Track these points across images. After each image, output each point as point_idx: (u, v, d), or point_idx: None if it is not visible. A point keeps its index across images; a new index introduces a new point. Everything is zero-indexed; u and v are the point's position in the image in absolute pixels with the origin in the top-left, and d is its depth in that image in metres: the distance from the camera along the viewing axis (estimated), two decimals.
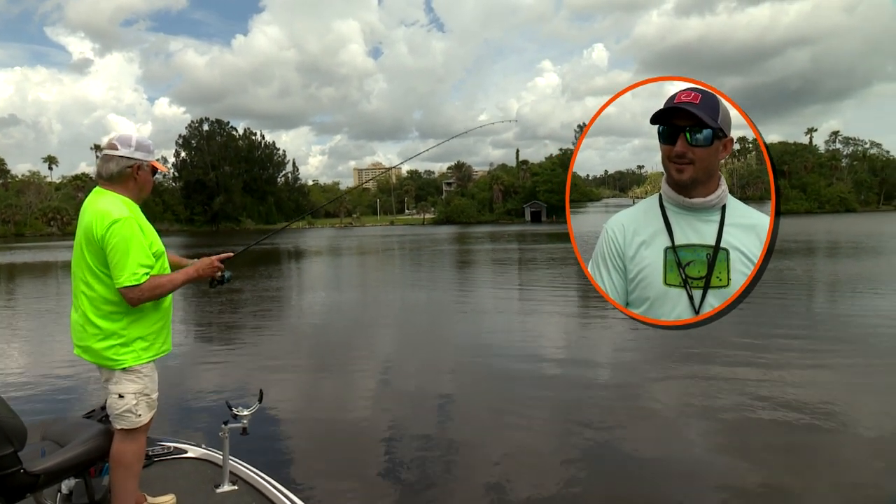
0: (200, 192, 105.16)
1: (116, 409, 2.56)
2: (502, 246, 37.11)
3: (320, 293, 16.89)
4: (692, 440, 5.30)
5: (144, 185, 2.73)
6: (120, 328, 2.55)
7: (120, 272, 2.47)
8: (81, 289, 2.58)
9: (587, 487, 4.38)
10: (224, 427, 3.07)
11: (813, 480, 4.43)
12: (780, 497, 4.16)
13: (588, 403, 6.30)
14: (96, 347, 2.55)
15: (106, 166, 2.63)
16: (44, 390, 7.01)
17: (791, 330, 9.56)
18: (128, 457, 2.58)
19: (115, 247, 2.48)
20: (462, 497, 4.28)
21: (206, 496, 3.01)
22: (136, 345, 2.58)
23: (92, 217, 2.53)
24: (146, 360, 2.62)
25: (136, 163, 2.65)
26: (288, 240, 55.70)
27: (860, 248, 25.87)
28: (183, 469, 3.33)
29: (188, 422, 5.87)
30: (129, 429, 2.58)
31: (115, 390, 2.57)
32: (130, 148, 2.65)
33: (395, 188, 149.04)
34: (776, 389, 6.41)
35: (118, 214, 2.52)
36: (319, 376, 7.88)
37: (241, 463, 3.23)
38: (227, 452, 3.10)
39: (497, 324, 11.33)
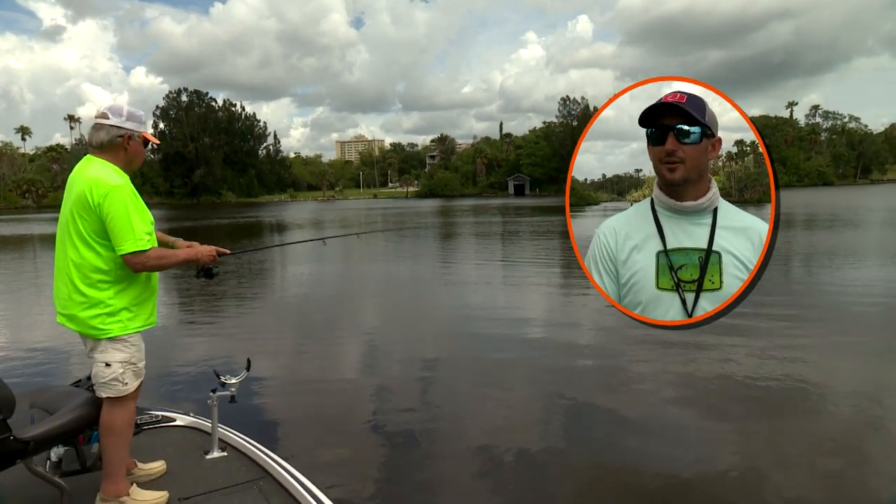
0: (180, 165, 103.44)
1: (103, 377, 2.57)
2: (486, 219, 37.16)
3: (304, 266, 16.85)
4: (673, 407, 5.41)
5: (135, 156, 2.71)
6: (107, 297, 2.55)
7: (124, 239, 2.48)
8: (70, 257, 2.55)
9: (570, 453, 4.47)
10: (212, 395, 3.09)
11: (790, 447, 4.56)
12: (755, 462, 4.30)
13: (571, 371, 6.40)
14: (82, 316, 2.54)
15: (96, 135, 2.63)
16: (27, 361, 6.95)
17: (772, 300, 9.78)
18: (117, 424, 2.60)
19: (116, 214, 2.47)
20: (448, 461, 4.36)
21: (195, 462, 3.04)
22: (123, 315, 2.58)
23: (86, 184, 2.51)
24: (133, 331, 2.62)
25: (126, 132, 2.64)
26: (270, 213, 55.23)
27: (838, 221, 26.34)
28: (172, 437, 3.36)
29: (176, 391, 5.88)
30: (117, 397, 2.59)
31: (101, 359, 2.57)
32: (122, 118, 2.64)
33: (378, 161, 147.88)
34: (755, 358, 6.55)
35: (114, 182, 2.51)
36: (305, 347, 7.91)
37: (230, 430, 3.26)
38: (216, 420, 3.12)
39: (481, 295, 11.42)
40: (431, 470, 4.26)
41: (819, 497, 3.85)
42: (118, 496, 2.62)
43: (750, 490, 3.87)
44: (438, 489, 4.00)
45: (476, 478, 4.09)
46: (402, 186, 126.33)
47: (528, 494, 3.84)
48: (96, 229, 2.52)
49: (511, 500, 3.83)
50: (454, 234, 27.95)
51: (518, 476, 4.09)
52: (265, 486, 2.77)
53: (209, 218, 45.59)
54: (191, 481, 2.85)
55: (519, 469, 4.19)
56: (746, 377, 5.96)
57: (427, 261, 17.45)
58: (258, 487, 2.77)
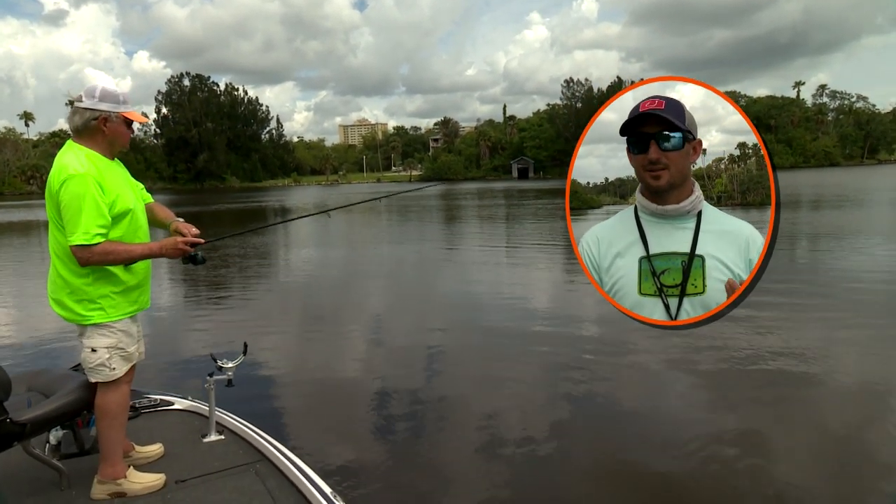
0: (183, 150, 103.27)
1: (90, 362, 2.57)
2: (490, 202, 37.04)
3: (307, 250, 16.88)
4: (677, 391, 5.42)
5: (116, 138, 2.60)
6: (83, 284, 2.51)
7: (72, 230, 2.41)
8: (53, 245, 2.55)
9: (574, 438, 4.48)
10: (209, 379, 3.11)
11: (794, 430, 4.57)
12: (759, 444, 4.31)
13: (574, 356, 6.40)
14: (67, 302, 2.54)
15: (72, 119, 2.56)
16: (27, 345, 7.03)
17: (776, 284, 9.74)
18: (111, 407, 2.61)
19: (68, 203, 2.41)
20: (450, 444, 4.39)
21: (192, 445, 3.07)
22: (103, 302, 2.55)
23: (53, 171, 2.48)
24: (117, 318, 2.59)
25: (101, 114, 2.53)
26: (274, 197, 55.18)
27: (846, 202, 26.11)
28: (169, 420, 3.39)
29: (174, 376, 5.93)
30: (107, 381, 2.59)
31: (87, 344, 2.57)
32: (94, 99, 2.53)
33: (381, 145, 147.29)
34: (759, 341, 6.55)
35: (73, 170, 2.43)
36: (307, 331, 7.94)
37: (227, 414, 3.29)
38: (213, 403, 3.15)
39: (485, 279, 11.43)
40: (432, 453, 4.29)
41: (826, 489, 3.83)
42: (115, 478, 2.64)
43: (755, 480, 3.87)
44: (439, 473, 4.03)
45: (478, 463, 4.10)
46: (405, 170, 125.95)
47: (532, 480, 3.85)
48: (61, 216, 2.49)
49: (514, 484, 3.84)
50: (459, 217, 27.89)
51: (521, 461, 4.10)
52: (262, 469, 2.79)
53: (213, 203, 45.61)
54: (188, 464, 2.87)
55: (521, 455, 4.19)
56: (753, 363, 5.95)
57: (431, 243, 17.44)
58: (255, 470, 2.79)
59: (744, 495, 3.68)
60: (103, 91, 2.56)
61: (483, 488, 3.78)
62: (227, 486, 2.68)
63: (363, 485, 3.80)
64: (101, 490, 2.62)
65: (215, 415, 3.18)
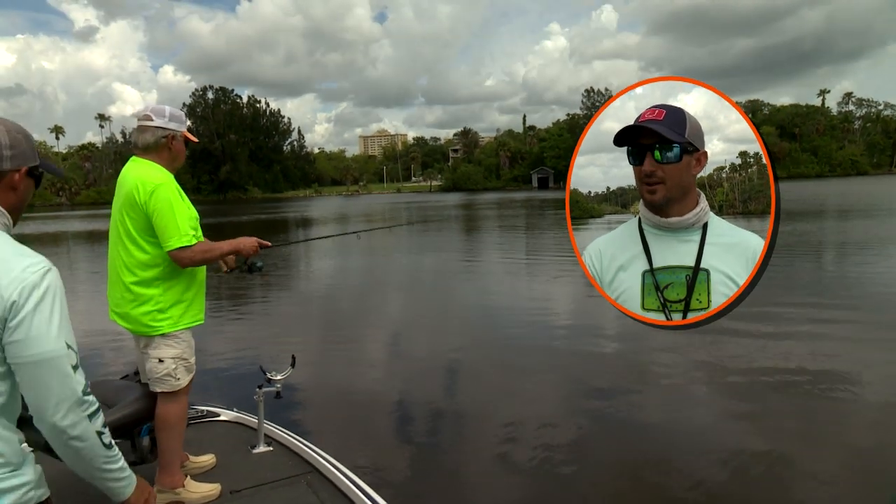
0: (207, 161, 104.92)
1: (157, 373, 2.64)
2: (511, 212, 36.99)
3: (337, 260, 17.01)
4: (700, 404, 5.33)
5: (178, 155, 2.78)
6: (157, 294, 2.61)
7: (170, 234, 2.53)
8: (121, 256, 2.62)
9: (594, 451, 4.45)
10: (258, 391, 3.16)
11: (821, 446, 4.46)
12: (786, 461, 4.22)
13: (595, 367, 6.37)
14: (134, 314, 2.60)
15: (142, 136, 2.68)
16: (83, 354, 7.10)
17: (801, 295, 9.57)
18: (172, 418, 2.68)
19: (161, 210, 2.53)
20: (485, 455, 4.40)
21: (242, 456, 3.11)
22: (173, 311, 2.64)
23: (132, 184, 2.57)
24: (183, 327, 2.69)
25: (170, 133, 2.71)
26: (296, 209, 55.72)
27: (873, 212, 25.55)
28: (217, 431, 3.43)
29: (216, 386, 6.01)
30: (170, 391, 2.67)
31: (154, 355, 2.64)
32: (165, 118, 2.70)
33: (401, 155, 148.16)
34: (784, 354, 6.41)
35: (159, 179, 2.58)
36: (332, 341, 7.99)
37: (273, 425, 3.32)
38: (262, 415, 3.18)
39: (504, 288, 11.41)
40: (462, 462, 4.32)
41: (846, 497, 3.76)
42: (174, 487, 2.69)
43: (777, 490, 3.81)
44: (474, 485, 4.03)
45: (515, 472, 4.13)
46: (425, 180, 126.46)
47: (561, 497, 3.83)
48: (144, 227, 2.58)
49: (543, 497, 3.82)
50: (479, 227, 27.89)
51: (546, 479, 4.06)
52: (313, 480, 2.81)
53: (236, 214, 46.19)
54: (240, 475, 2.91)
55: (546, 472, 4.15)
56: (776, 375, 5.84)
57: (452, 254, 17.46)
58: (306, 481, 2.81)
59: None
60: (171, 112, 2.74)
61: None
62: (280, 497, 2.70)
63: (412, 498, 3.82)
64: (161, 499, 2.65)
65: (263, 426, 3.21)
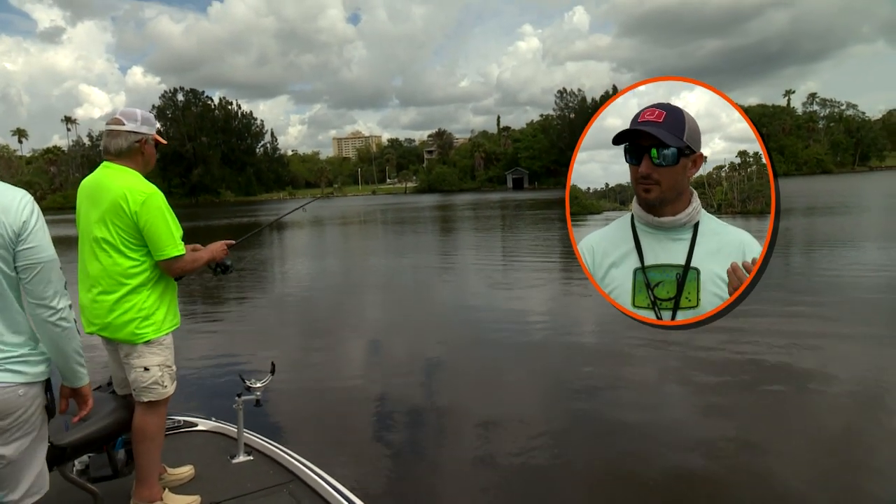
0: (178, 164, 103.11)
1: (143, 382, 2.58)
2: (487, 213, 37.11)
3: (306, 263, 16.87)
4: (676, 400, 5.41)
5: (150, 159, 2.73)
6: (140, 301, 2.56)
7: (165, 244, 2.53)
8: (103, 265, 2.54)
9: (573, 449, 4.47)
10: (238, 399, 3.10)
11: (796, 437, 4.54)
12: (760, 452, 4.29)
13: (572, 366, 6.42)
14: (117, 323, 2.54)
15: (114, 141, 2.61)
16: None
17: (774, 289, 9.77)
18: (150, 429, 2.61)
19: (154, 221, 2.51)
20: (468, 458, 4.38)
21: (222, 467, 3.04)
22: (156, 317, 2.60)
23: (119, 192, 2.50)
24: (165, 332, 2.65)
25: (142, 137, 2.65)
26: (270, 212, 55.12)
27: (839, 209, 26.26)
28: (196, 441, 3.36)
29: (192, 394, 5.88)
30: (154, 401, 2.61)
31: (139, 364, 2.58)
32: (137, 122, 2.64)
33: (375, 157, 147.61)
34: (759, 347, 6.55)
35: (149, 189, 2.55)
36: (309, 345, 7.93)
37: (252, 434, 3.26)
38: (242, 424, 3.13)
39: (482, 289, 11.44)
40: (449, 467, 4.29)
41: (824, 495, 3.83)
42: (152, 501, 2.63)
43: (755, 490, 3.85)
44: (456, 487, 4.03)
45: (496, 471, 4.13)
46: (400, 182, 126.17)
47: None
48: (131, 236, 2.53)
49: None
50: (454, 228, 27.92)
51: (527, 479, 4.06)
52: (295, 489, 2.76)
53: (208, 218, 45.54)
54: (220, 486, 2.85)
55: (526, 471, 4.16)
56: (753, 368, 5.96)
57: (428, 255, 17.45)
58: (288, 490, 2.76)
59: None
60: (143, 115, 2.69)
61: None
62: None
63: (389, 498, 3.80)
64: None
65: (243, 435, 3.16)
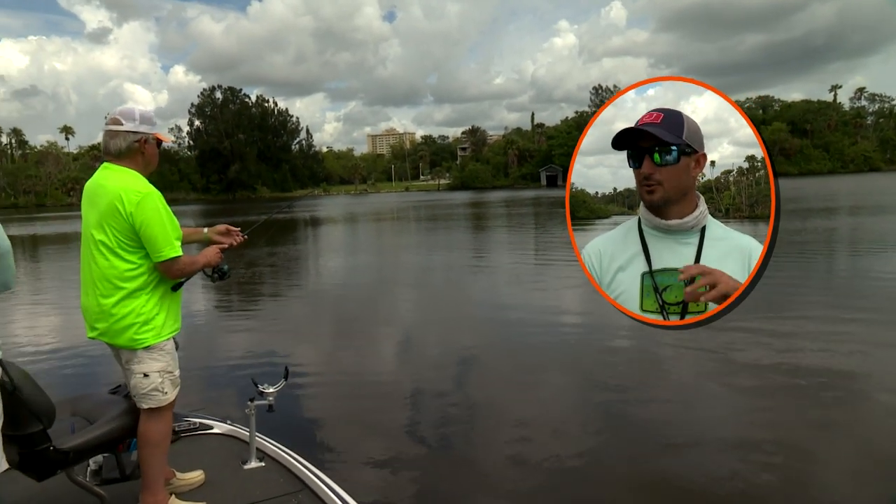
0: (216, 161, 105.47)
1: (143, 388, 2.54)
2: (519, 210, 36.87)
3: (339, 259, 17.02)
4: (712, 402, 5.28)
5: (151, 159, 2.66)
6: (139, 306, 2.51)
7: (161, 245, 2.47)
8: (100, 268, 2.50)
9: (606, 450, 4.40)
10: (250, 404, 3.07)
11: (837, 444, 4.41)
12: (798, 461, 4.15)
13: (606, 365, 6.33)
14: (116, 328, 2.50)
15: (113, 142, 2.56)
16: (71, 364, 7.04)
17: (812, 292, 9.45)
18: (155, 435, 2.58)
19: (149, 221, 2.45)
20: (490, 470, 4.22)
21: (232, 472, 3.02)
22: (155, 321, 2.55)
23: (114, 193, 2.46)
24: (166, 337, 2.60)
25: (142, 136, 2.59)
26: (304, 208, 55.88)
27: (889, 209, 25.19)
28: (209, 445, 3.35)
29: (209, 392, 5.92)
30: (156, 407, 2.57)
31: (139, 370, 2.54)
32: (135, 122, 2.58)
33: (409, 154, 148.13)
34: (796, 353, 6.34)
35: (145, 189, 2.50)
36: (340, 341, 7.96)
37: (267, 439, 3.24)
38: (254, 429, 3.10)
39: (515, 288, 11.36)
40: (470, 479, 4.12)
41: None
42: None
43: (797, 494, 3.75)
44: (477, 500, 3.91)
45: (514, 491, 3.95)
46: (433, 179, 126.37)
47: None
48: (127, 237, 2.48)
49: None
50: (487, 226, 27.80)
51: (560, 489, 3.97)
52: (304, 499, 2.73)
53: (244, 213, 46.33)
54: (229, 492, 2.83)
55: (558, 483, 4.04)
56: (788, 374, 5.77)
57: (461, 251, 17.40)
58: (297, 500, 2.73)
59: None
60: (142, 114, 2.61)
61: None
62: None
63: None
64: None
65: (255, 440, 3.13)
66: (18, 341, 8.19)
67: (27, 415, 2.23)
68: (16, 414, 2.21)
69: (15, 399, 2.17)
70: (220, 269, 2.81)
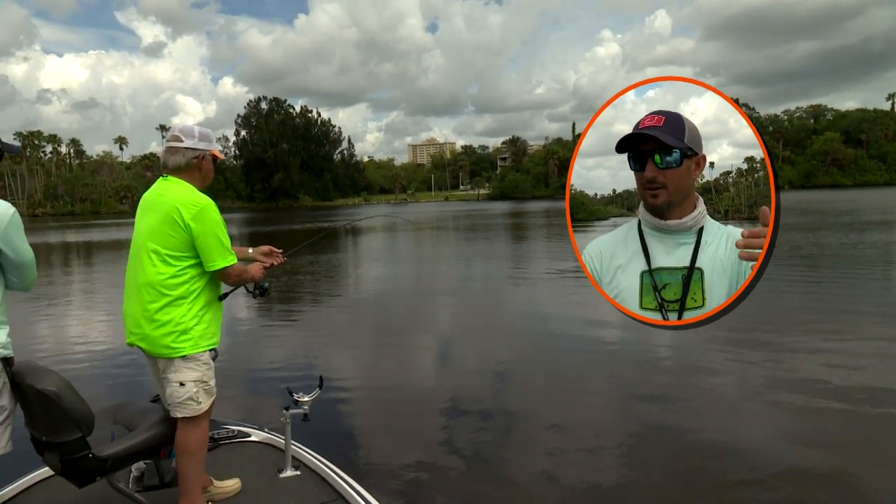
0: (260, 170, 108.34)
1: (178, 397, 2.58)
2: (559, 220, 36.51)
3: (379, 267, 17.11)
4: (754, 419, 5.09)
5: (207, 175, 2.76)
6: (179, 315, 2.56)
7: (217, 254, 2.58)
8: (148, 275, 2.57)
9: (645, 466, 4.26)
10: (285, 413, 3.09)
11: (885, 464, 4.19)
12: (846, 484, 3.94)
13: (646, 378, 6.18)
14: (155, 334, 2.55)
15: (173, 158, 2.67)
16: (115, 372, 7.07)
17: (864, 308, 9.00)
18: (191, 444, 2.62)
19: (207, 231, 2.55)
20: (525, 480, 4.15)
21: (268, 480, 3.04)
22: (194, 332, 2.59)
23: (172, 204, 2.55)
24: (203, 349, 2.63)
25: (200, 153, 2.70)
26: (345, 217, 56.65)
27: None
28: (247, 453, 3.37)
29: (248, 399, 5.94)
30: (191, 416, 2.61)
31: (175, 379, 2.58)
32: (195, 139, 2.69)
33: (449, 164, 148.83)
34: (844, 372, 6.06)
35: (203, 201, 2.60)
36: (379, 350, 7.94)
37: (303, 448, 3.25)
38: (290, 438, 3.12)
39: (554, 298, 11.20)
40: (506, 492, 4.03)
41: None
42: None
43: None
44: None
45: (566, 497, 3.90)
46: (473, 189, 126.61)
47: None
48: (182, 247, 2.56)
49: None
50: (527, 237, 27.59)
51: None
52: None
53: (286, 222, 47.24)
54: (264, 500, 2.85)
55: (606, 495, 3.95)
56: (837, 394, 5.47)
57: (500, 261, 17.30)
58: None
59: None
60: (200, 132, 2.74)
61: None
62: None
63: None
64: None
65: (291, 449, 3.15)
66: (68, 348, 8.41)
67: (68, 423, 2.31)
68: (57, 422, 2.31)
69: (56, 407, 2.27)
70: (261, 285, 2.90)
